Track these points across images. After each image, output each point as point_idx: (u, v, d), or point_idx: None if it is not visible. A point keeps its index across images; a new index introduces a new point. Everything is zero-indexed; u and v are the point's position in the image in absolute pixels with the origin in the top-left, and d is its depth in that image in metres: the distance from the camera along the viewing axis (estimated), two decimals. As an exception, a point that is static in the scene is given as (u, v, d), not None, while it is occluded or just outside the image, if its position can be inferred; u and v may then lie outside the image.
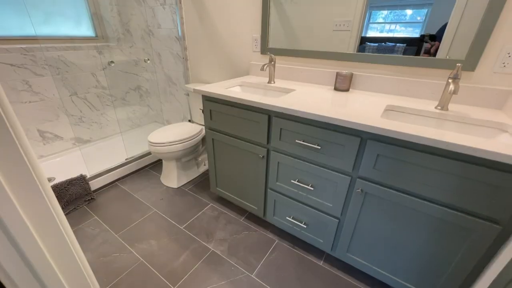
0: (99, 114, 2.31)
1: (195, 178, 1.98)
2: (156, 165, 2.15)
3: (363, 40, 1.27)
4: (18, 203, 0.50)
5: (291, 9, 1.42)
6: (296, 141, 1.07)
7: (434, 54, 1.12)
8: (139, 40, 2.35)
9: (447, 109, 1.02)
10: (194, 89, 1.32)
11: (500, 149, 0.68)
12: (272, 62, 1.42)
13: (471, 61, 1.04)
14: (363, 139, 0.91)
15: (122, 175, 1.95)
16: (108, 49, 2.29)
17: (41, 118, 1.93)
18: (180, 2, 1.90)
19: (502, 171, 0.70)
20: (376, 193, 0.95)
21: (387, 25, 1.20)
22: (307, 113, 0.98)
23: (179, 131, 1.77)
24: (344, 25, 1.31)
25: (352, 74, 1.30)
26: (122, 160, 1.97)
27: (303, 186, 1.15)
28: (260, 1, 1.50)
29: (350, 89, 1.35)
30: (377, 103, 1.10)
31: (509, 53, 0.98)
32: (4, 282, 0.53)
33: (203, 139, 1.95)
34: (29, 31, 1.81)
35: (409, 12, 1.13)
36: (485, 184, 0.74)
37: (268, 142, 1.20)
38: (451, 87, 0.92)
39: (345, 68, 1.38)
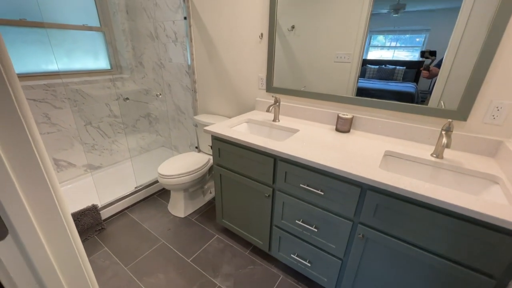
0: (110, 142, 2.41)
1: (201, 206, 2.04)
2: (164, 193, 2.22)
3: (364, 63, 1.34)
4: (42, 235, 0.56)
5: (294, 42, 1.52)
6: (301, 185, 1.14)
7: (433, 77, 1.17)
8: (151, 71, 2.49)
9: (442, 157, 1.09)
10: (204, 129, 1.42)
11: (488, 210, 0.74)
12: (277, 104, 1.52)
13: (463, 112, 1.12)
14: (363, 189, 0.98)
15: (131, 203, 2.02)
16: (122, 80, 2.44)
17: (57, 147, 2.03)
18: (191, 40, 2.05)
19: (492, 229, 0.75)
20: (376, 240, 1.00)
21: (388, 43, 1.26)
22: (310, 162, 1.05)
23: (187, 162, 1.86)
24: (344, 57, 1.40)
25: (352, 118, 1.39)
26: (131, 187, 2.04)
27: (307, 227, 1.21)
28: (266, 45, 1.63)
29: (351, 130, 1.44)
30: (376, 148, 1.18)
31: (497, 107, 1.06)
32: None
33: (210, 168, 2.03)
34: (52, 67, 1.96)
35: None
36: (478, 240, 0.79)
37: (273, 182, 1.27)
38: (444, 140, 0.99)
39: (346, 109, 1.47)
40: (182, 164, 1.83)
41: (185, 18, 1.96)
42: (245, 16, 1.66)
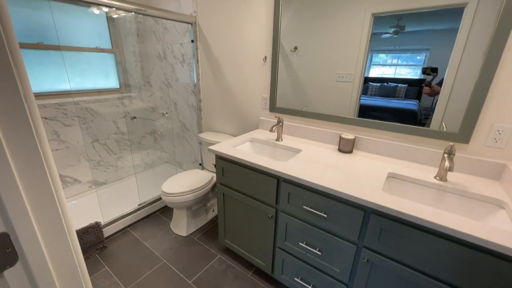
0: (116, 158, 2.45)
1: (203, 225, 2.02)
2: (166, 210, 2.21)
3: (366, 80, 1.35)
4: (49, 259, 0.56)
5: (297, 63, 1.56)
6: (304, 206, 1.14)
7: (435, 94, 1.18)
8: (158, 90, 2.58)
9: (446, 180, 1.08)
10: (208, 148, 1.44)
11: (495, 237, 0.73)
12: (280, 123, 1.55)
13: (464, 135, 1.13)
14: (367, 212, 0.97)
15: (134, 220, 2.01)
16: (130, 98, 2.52)
17: (64, 163, 2.07)
18: (198, 62, 2.13)
19: (499, 258, 0.74)
20: (381, 264, 0.98)
21: (389, 60, 1.28)
22: (313, 183, 1.06)
23: (190, 180, 1.87)
24: (346, 77, 1.43)
25: (354, 138, 1.40)
26: (134, 204, 2.05)
27: (310, 250, 1.19)
28: (270, 66, 1.69)
29: (354, 150, 1.45)
30: (379, 170, 1.18)
31: (499, 130, 1.07)
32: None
33: (213, 186, 2.03)
34: (65, 86, 2.05)
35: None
36: (485, 268, 0.77)
37: (276, 203, 1.27)
38: (447, 164, 0.99)
39: (348, 129, 1.49)
40: (186, 182, 1.84)
41: (192, 41, 2.06)
42: (249, 39, 1.74)
